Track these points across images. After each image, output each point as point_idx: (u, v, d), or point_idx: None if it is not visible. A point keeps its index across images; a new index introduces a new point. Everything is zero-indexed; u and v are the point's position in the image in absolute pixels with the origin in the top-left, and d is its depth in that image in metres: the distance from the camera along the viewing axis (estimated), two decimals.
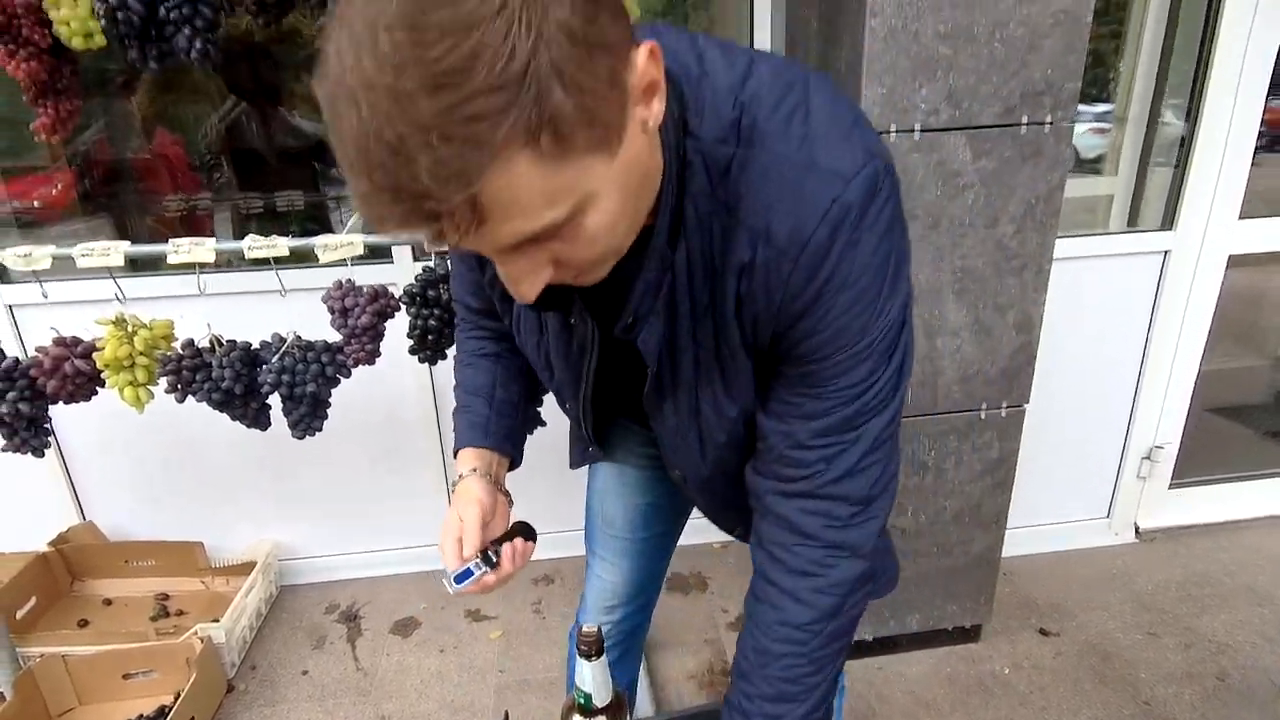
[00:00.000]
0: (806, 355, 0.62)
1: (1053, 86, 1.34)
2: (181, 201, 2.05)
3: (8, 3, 1.06)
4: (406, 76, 0.36)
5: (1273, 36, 1.78)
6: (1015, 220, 1.46)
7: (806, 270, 0.57)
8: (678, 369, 0.69)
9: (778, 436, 0.67)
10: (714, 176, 0.57)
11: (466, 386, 0.91)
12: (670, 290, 0.62)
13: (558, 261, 0.51)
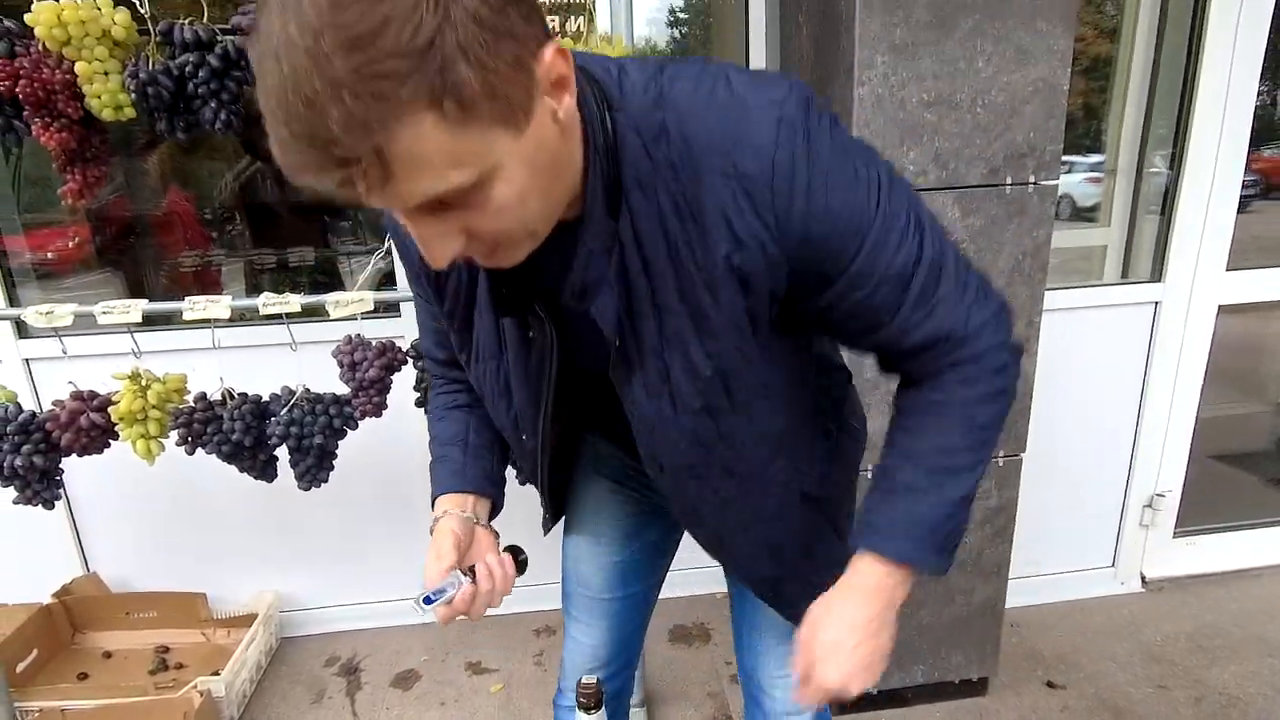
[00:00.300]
0: (836, 274, 0.64)
1: (1035, 149, 1.40)
2: (197, 257, 2.11)
3: (46, 80, 1.13)
4: (324, 39, 0.41)
5: (1250, 88, 1.85)
6: (1005, 275, 1.51)
7: (784, 187, 0.59)
8: (641, 338, 0.68)
9: (878, 360, 0.73)
10: (648, 141, 0.60)
11: (440, 438, 0.91)
12: (621, 259, 0.63)
13: (470, 232, 0.54)
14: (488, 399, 0.83)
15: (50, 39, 1.12)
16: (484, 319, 0.75)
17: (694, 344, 0.67)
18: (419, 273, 0.78)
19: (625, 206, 0.62)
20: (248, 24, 1.15)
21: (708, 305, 0.65)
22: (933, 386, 0.71)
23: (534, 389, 0.77)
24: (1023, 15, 1.32)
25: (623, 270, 0.64)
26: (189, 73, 1.17)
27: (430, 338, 0.92)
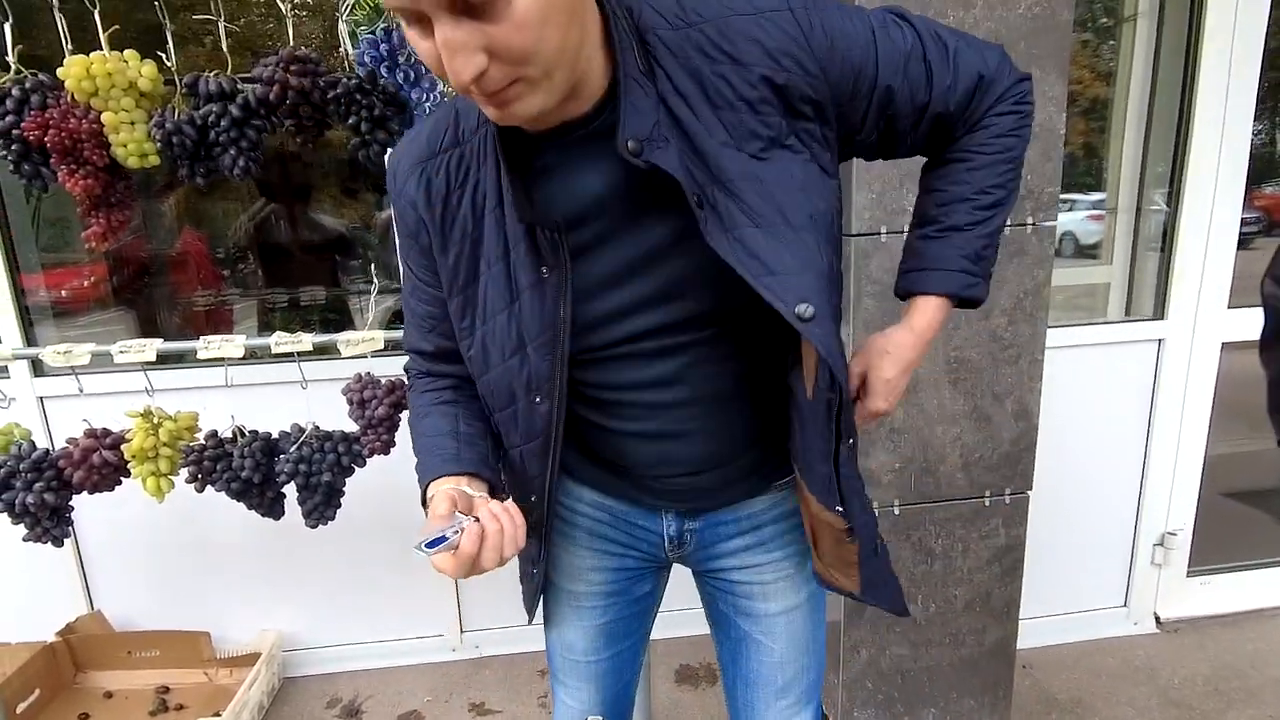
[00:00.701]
0: (872, 74, 0.71)
1: (1033, 191, 1.43)
2: (210, 296, 2.15)
3: (74, 129, 1.18)
4: None
5: (1245, 127, 1.89)
6: (1007, 312, 1.52)
7: (804, 16, 0.68)
8: (723, 173, 0.68)
9: (926, 125, 0.78)
10: (667, 13, 0.69)
11: (427, 432, 0.85)
12: (669, 110, 0.67)
13: (491, 51, 0.56)
14: (496, 365, 0.79)
15: (79, 91, 1.17)
16: (493, 269, 0.75)
17: (760, 166, 0.69)
18: (418, 229, 0.78)
19: (657, 67, 0.67)
20: (268, 75, 1.20)
21: (758, 133, 0.68)
22: (970, 136, 0.79)
23: (550, 335, 0.75)
24: (1018, 63, 1.36)
25: (674, 121, 0.67)
26: (211, 122, 1.21)
27: (418, 329, 0.88)
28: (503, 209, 0.73)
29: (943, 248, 0.81)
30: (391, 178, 0.80)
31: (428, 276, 0.82)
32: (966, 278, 0.81)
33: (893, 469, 1.60)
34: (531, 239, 0.73)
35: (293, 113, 1.23)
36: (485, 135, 0.73)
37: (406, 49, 1.26)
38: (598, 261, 0.73)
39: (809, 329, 0.68)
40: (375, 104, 1.24)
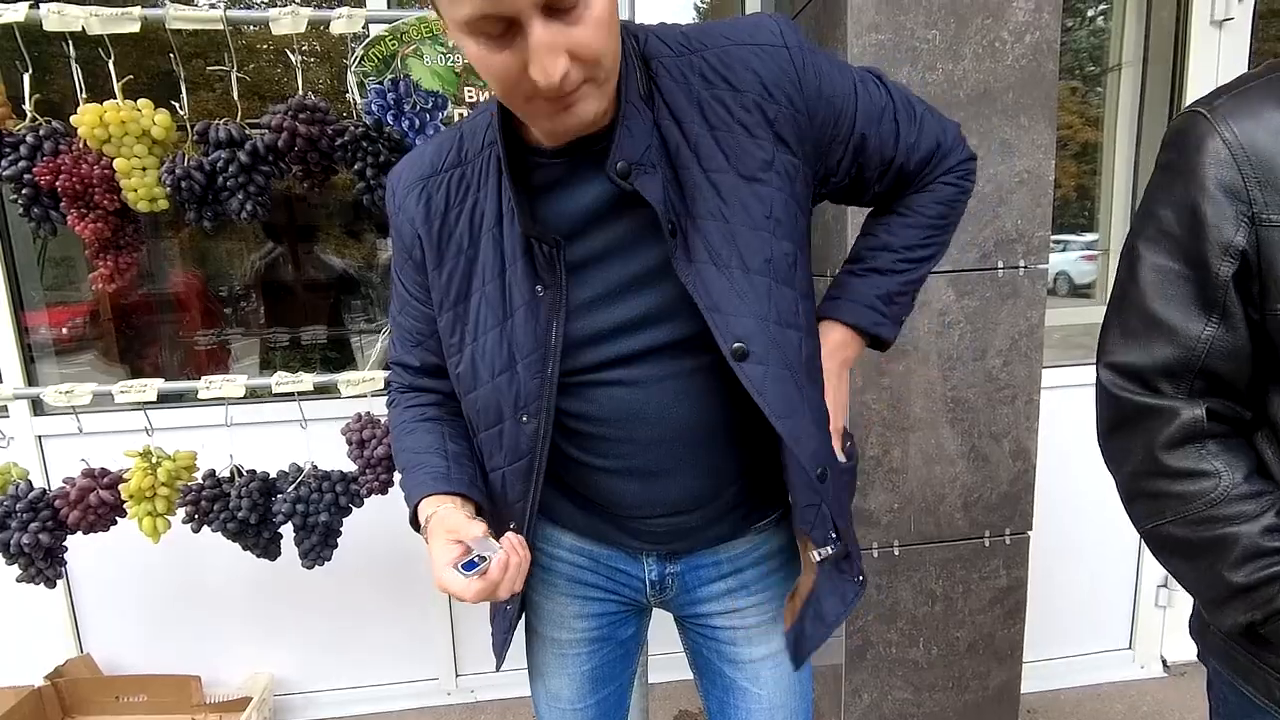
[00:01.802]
0: (849, 122, 0.77)
1: (1024, 235, 1.46)
2: (213, 336, 2.17)
3: (86, 174, 1.20)
4: None
5: None
6: (1002, 353, 1.54)
7: (798, 55, 0.74)
8: (696, 211, 0.72)
9: (893, 179, 0.84)
10: (669, 42, 0.74)
11: (413, 449, 0.85)
12: (661, 139, 0.72)
13: (572, 52, 0.61)
14: (485, 382, 0.79)
15: (92, 138, 1.20)
16: (488, 286, 0.77)
17: (747, 191, 0.72)
18: (413, 244, 0.81)
19: (658, 91, 0.72)
20: (277, 122, 1.23)
21: (753, 156, 0.72)
22: (916, 195, 0.86)
23: (541, 353, 0.76)
24: (1006, 113, 1.40)
25: (663, 146, 0.72)
26: (220, 167, 1.24)
27: (404, 344, 0.89)
28: (501, 228, 0.76)
29: (861, 285, 0.87)
30: (391, 193, 0.83)
31: (418, 292, 0.84)
32: (875, 315, 0.86)
33: (892, 509, 1.59)
34: (529, 257, 0.75)
35: (300, 159, 1.26)
36: (489, 156, 0.77)
37: (412, 97, 1.29)
38: (591, 280, 0.75)
39: (740, 366, 0.72)
40: (381, 150, 1.27)
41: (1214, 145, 0.66)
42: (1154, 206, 0.72)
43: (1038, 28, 1.39)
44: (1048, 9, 1.39)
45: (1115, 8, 2.18)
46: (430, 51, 1.29)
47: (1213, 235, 0.67)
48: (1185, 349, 0.70)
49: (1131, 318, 0.74)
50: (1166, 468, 0.72)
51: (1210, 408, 0.71)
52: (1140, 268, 0.72)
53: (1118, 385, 0.75)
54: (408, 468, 0.84)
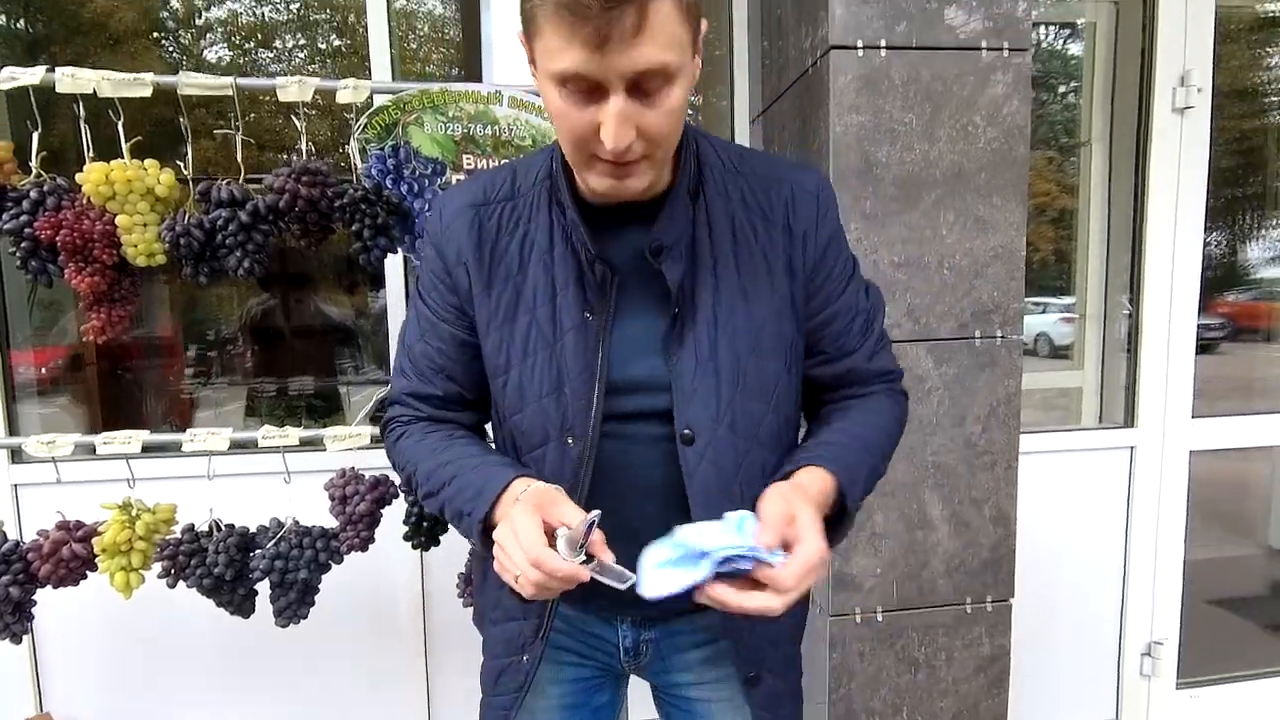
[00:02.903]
0: (835, 294, 0.86)
1: (999, 307, 1.51)
2: (199, 384, 2.16)
3: (87, 230, 1.23)
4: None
5: (1194, 246, 2.01)
6: (981, 420, 1.57)
7: (825, 209, 0.85)
8: (698, 304, 0.80)
9: (845, 367, 0.88)
10: (724, 157, 0.84)
11: (468, 455, 0.83)
12: (693, 234, 0.81)
13: (641, 129, 0.68)
14: (532, 402, 0.82)
15: (97, 195, 1.22)
16: (537, 311, 0.81)
17: (740, 315, 0.81)
18: (456, 268, 0.84)
19: (702, 195, 0.82)
20: (279, 184, 1.27)
21: (761, 280, 0.82)
22: (874, 398, 0.89)
23: (588, 375, 0.80)
24: (979, 192, 1.47)
25: (692, 243, 0.81)
26: (220, 225, 1.27)
27: (423, 373, 0.88)
28: (552, 256, 0.82)
29: (851, 452, 0.82)
30: (438, 217, 0.87)
31: (448, 314, 0.86)
32: (847, 476, 0.80)
33: (874, 574, 1.59)
34: (579, 284, 0.81)
35: (300, 219, 1.29)
36: (541, 192, 0.84)
37: (412, 163, 1.34)
38: (628, 323, 0.81)
39: (683, 449, 0.80)
40: (379, 213, 1.31)
41: None
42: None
43: (1008, 114, 1.47)
44: (1017, 97, 1.47)
45: (1084, 88, 2.30)
46: (431, 120, 1.34)
47: None
48: None
49: None
50: None
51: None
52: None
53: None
54: (466, 470, 0.80)
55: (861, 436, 0.85)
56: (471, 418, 0.91)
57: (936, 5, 1.45)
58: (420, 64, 2.71)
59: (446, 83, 1.37)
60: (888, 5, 1.42)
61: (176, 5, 2.62)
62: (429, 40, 2.77)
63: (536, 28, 0.66)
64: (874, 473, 0.84)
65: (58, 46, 2.46)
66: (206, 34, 2.70)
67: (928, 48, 1.45)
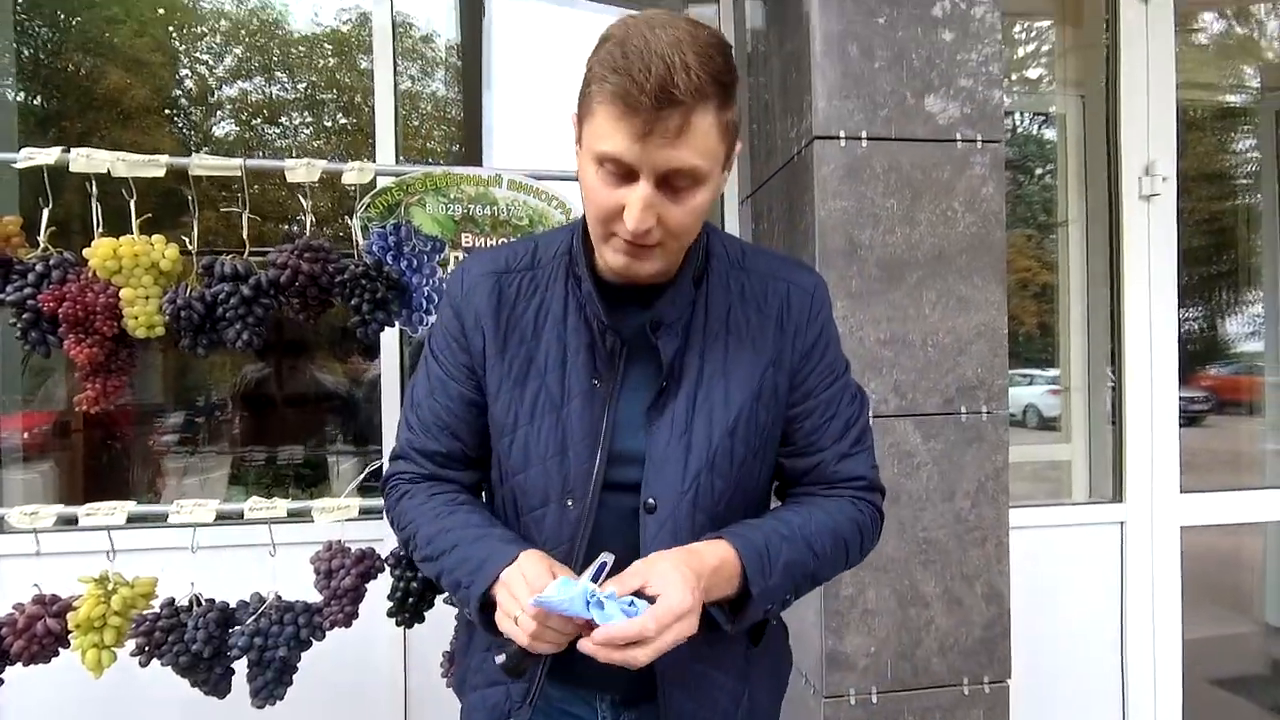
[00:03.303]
0: (823, 371, 0.90)
1: (984, 383, 1.55)
2: (187, 452, 2.15)
3: (90, 302, 1.25)
4: (688, 51, 0.69)
5: (1169, 324, 2.06)
6: (969, 495, 1.58)
7: (819, 308, 0.91)
8: (682, 380, 0.85)
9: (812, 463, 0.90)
10: (730, 252, 0.91)
11: (469, 524, 0.85)
12: (690, 316, 0.86)
13: (662, 219, 0.75)
14: (536, 463, 0.85)
15: (103, 269, 1.25)
16: (548, 375, 0.86)
17: (719, 396, 0.85)
18: (473, 330, 0.88)
19: (705, 283, 0.88)
20: (282, 260, 1.30)
21: (746, 367, 0.86)
22: (832, 500, 0.89)
23: (592, 440, 0.84)
24: (960, 273, 1.53)
25: (689, 323, 0.86)
26: (221, 299, 1.29)
27: (429, 430, 0.91)
28: (565, 324, 0.87)
29: (762, 532, 0.83)
30: (458, 282, 0.92)
31: (459, 373, 0.90)
32: (757, 565, 0.79)
33: (868, 653, 1.57)
34: (590, 352, 0.86)
35: (300, 293, 1.32)
36: (559, 265, 0.90)
37: (412, 241, 1.38)
38: (632, 395, 0.85)
39: (645, 517, 0.83)
40: (379, 288, 1.34)
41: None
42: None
43: (984, 200, 1.54)
44: (993, 184, 1.54)
45: (1059, 173, 2.41)
46: (433, 201, 1.39)
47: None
48: None
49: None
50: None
51: None
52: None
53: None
54: (466, 542, 0.83)
55: (792, 525, 0.84)
56: (471, 477, 0.94)
57: (914, 99, 1.54)
58: (422, 141, 2.82)
59: (448, 164, 1.43)
60: (867, 100, 1.51)
61: (190, 85, 2.73)
62: (431, 119, 2.88)
63: (590, 110, 0.74)
64: (799, 566, 0.82)
65: (69, 121, 2.53)
66: (216, 111, 2.80)
67: (906, 139, 1.53)
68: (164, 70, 2.69)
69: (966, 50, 1.56)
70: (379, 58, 1.96)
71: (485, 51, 2.50)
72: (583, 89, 0.76)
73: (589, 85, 0.74)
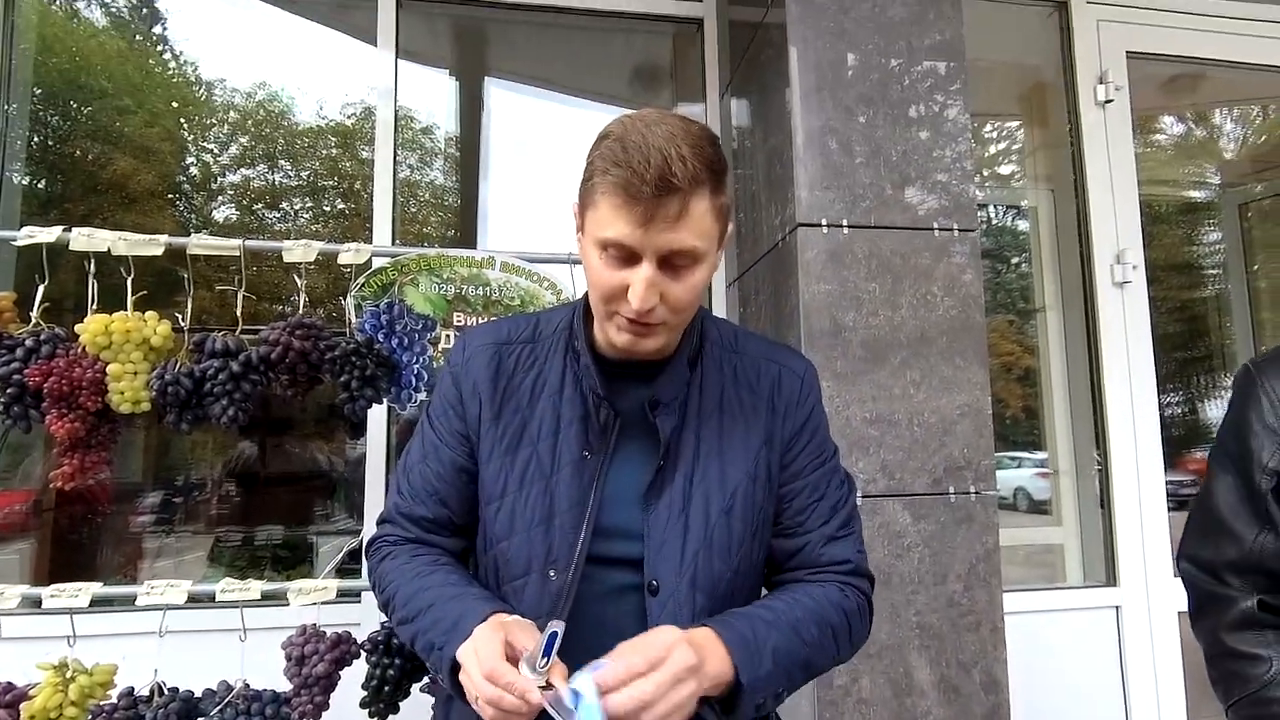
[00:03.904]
0: (812, 453, 0.91)
1: (971, 463, 1.55)
2: (162, 532, 2.09)
3: (77, 377, 1.25)
4: (684, 143, 0.75)
5: (1150, 398, 2.09)
6: (962, 578, 1.55)
7: (809, 391, 0.94)
8: (678, 460, 0.87)
9: (798, 545, 0.89)
10: (723, 335, 0.95)
11: (446, 583, 0.85)
12: (686, 397, 0.89)
13: (664, 297, 0.78)
14: (520, 532, 0.86)
15: (93, 345, 1.26)
16: (539, 445, 0.87)
17: (715, 475, 0.86)
18: (471, 398, 0.90)
19: (700, 364, 0.91)
20: (274, 337, 1.31)
21: (739, 446, 0.88)
22: (817, 585, 0.88)
23: (578, 511, 0.84)
24: (943, 354, 1.56)
25: (685, 404, 0.89)
26: (210, 375, 1.29)
27: (417, 495, 0.93)
28: (561, 397, 0.89)
29: (751, 621, 0.80)
30: (460, 350, 0.95)
31: (453, 440, 0.92)
32: (745, 654, 0.76)
33: None
34: (583, 424, 0.87)
35: (290, 370, 1.33)
36: (559, 340, 0.93)
37: (404, 319, 1.40)
38: (622, 469, 0.87)
39: (649, 599, 0.83)
40: (369, 365, 1.35)
41: (1257, 393, 0.89)
42: (1222, 434, 0.94)
43: (963, 285, 1.60)
44: (970, 270, 1.60)
45: (1034, 262, 2.50)
46: (426, 281, 1.43)
47: (1256, 459, 0.87)
48: (1243, 550, 0.87)
49: (1205, 520, 0.93)
50: (1229, 649, 0.86)
51: (1264, 600, 0.85)
52: (1212, 481, 0.93)
53: (1194, 574, 0.94)
54: (442, 600, 0.83)
55: (776, 610, 0.82)
56: (456, 544, 0.94)
57: (893, 190, 1.62)
58: (419, 227, 2.90)
59: (443, 246, 1.47)
60: (847, 190, 1.59)
61: (195, 171, 2.82)
62: (428, 206, 2.98)
63: (593, 201, 0.78)
64: (788, 653, 0.79)
65: (72, 204, 2.59)
66: (218, 196, 2.88)
67: (885, 227, 1.59)
68: (171, 158, 2.78)
69: (941, 148, 1.65)
70: (380, 147, 2.05)
71: (483, 142, 2.62)
72: (584, 181, 0.80)
73: (591, 178, 0.78)
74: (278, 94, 2.79)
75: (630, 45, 2.53)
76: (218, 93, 2.76)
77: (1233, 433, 0.91)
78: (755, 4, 1.87)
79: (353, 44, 2.36)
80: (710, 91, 2.26)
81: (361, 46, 2.27)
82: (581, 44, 2.52)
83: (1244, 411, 0.90)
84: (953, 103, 1.67)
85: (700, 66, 2.29)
